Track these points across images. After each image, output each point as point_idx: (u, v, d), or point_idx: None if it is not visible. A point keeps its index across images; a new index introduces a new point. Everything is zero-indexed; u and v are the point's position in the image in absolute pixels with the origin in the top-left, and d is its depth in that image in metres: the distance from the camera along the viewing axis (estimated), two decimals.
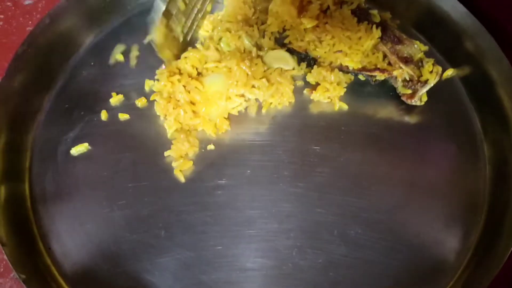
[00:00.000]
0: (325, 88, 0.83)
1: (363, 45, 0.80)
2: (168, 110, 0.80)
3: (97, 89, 0.86)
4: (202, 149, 0.80)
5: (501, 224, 0.74)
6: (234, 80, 0.80)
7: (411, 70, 0.80)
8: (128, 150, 0.80)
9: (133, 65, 0.89)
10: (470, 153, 0.82)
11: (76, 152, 0.80)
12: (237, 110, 0.82)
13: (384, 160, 0.80)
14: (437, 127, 0.84)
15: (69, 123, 0.83)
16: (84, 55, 0.91)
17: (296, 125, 0.83)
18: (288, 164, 0.79)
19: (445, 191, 0.78)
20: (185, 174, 0.78)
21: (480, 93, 0.86)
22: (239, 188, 0.77)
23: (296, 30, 0.84)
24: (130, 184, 0.77)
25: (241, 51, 0.84)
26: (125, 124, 0.83)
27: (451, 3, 0.88)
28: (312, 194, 0.76)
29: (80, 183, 0.78)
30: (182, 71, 0.83)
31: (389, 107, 0.86)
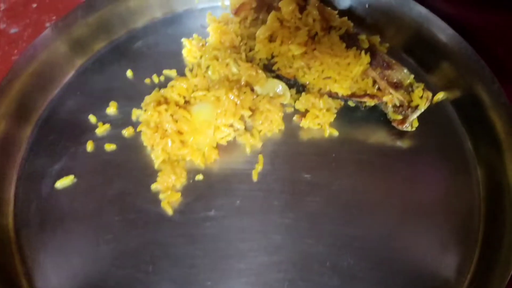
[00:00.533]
0: (315, 114, 0.82)
1: (352, 71, 0.79)
2: (155, 140, 0.78)
3: (83, 119, 0.85)
4: (190, 180, 0.79)
5: (498, 249, 0.73)
6: (223, 110, 0.78)
7: (401, 96, 0.79)
8: (115, 182, 0.78)
9: (120, 94, 0.87)
10: (463, 177, 0.81)
11: (61, 185, 0.78)
12: (226, 140, 0.81)
13: (376, 187, 0.79)
14: (429, 151, 0.83)
15: (54, 155, 0.81)
16: (70, 84, 0.90)
17: (286, 153, 0.82)
18: (278, 194, 0.77)
19: (439, 217, 0.77)
20: (173, 206, 0.76)
21: (471, 116, 0.85)
22: (229, 220, 0.75)
23: (284, 56, 0.83)
24: (116, 217, 0.75)
25: (229, 79, 0.83)
26: (111, 155, 0.81)
27: (440, 26, 0.88)
28: (302, 224, 0.75)
29: (65, 216, 0.76)
30: (169, 100, 0.82)
31: (380, 132, 0.85)
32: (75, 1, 1.03)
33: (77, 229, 0.74)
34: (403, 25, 0.93)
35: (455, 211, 0.77)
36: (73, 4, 0.93)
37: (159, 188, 0.77)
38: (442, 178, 0.80)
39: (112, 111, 0.86)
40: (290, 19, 0.82)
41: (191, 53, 0.91)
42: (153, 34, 0.97)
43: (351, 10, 0.98)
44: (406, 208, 0.77)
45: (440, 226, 0.76)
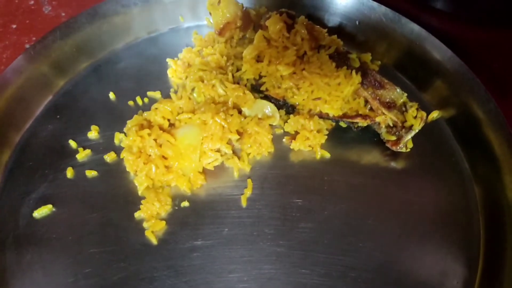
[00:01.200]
0: (305, 136, 0.79)
1: (342, 91, 0.76)
2: (138, 166, 0.75)
3: (63, 144, 0.81)
4: (176, 207, 0.75)
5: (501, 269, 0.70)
6: (209, 134, 0.75)
7: (395, 116, 0.77)
8: (96, 211, 0.74)
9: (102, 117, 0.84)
10: (460, 196, 0.78)
11: (39, 214, 0.74)
12: (213, 165, 0.77)
13: (371, 211, 0.75)
14: (425, 171, 0.80)
15: (32, 183, 0.77)
16: (49, 107, 0.87)
17: (276, 177, 0.78)
18: (268, 220, 0.74)
19: (437, 239, 0.73)
20: (158, 235, 0.72)
21: (467, 134, 0.82)
22: (216, 249, 0.71)
23: (272, 77, 0.80)
24: (97, 249, 0.71)
25: (215, 101, 0.80)
26: (92, 182, 0.77)
27: (433, 43, 0.86)
28: (295, 253, 0.71)
29: (42, 249, 0.71)
30: (153, 124, 0.78)
31: (373, 153, 0.82)
32: (56, 21, 1.00)
33: (54, 263, 0.70)
34: (394, 42, 0.90)
35: (453, 232, 0.74)
36: (53, 25, 0.90)
37: (142, 216, 0.73)
38: (439, 199, 0.77)
39: (94, 135, 0.82)
40: (277, 38, 0.80)
41: (176, 73, 0.88)
42: (137, 54, 0.94)
43: (341, 27, 0.96)
44: (402, 232, 0.74)
45: (439, 249, 0.72)
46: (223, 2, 0.85)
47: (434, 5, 1.02)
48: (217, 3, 0.85)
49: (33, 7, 1.05)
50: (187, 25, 0.99)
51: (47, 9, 1.05)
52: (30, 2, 1.06)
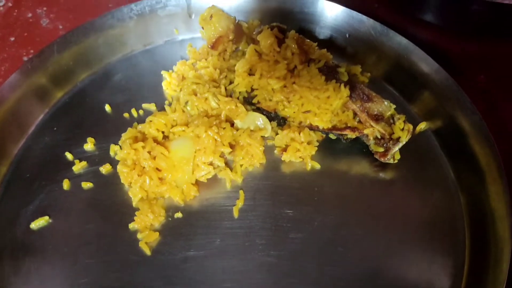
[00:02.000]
0: (296, 148, 0.81)
1: (332, 104, 0.79)
2: (132, 178, 0.77)
3: (60, 156, 0.83)
4: (169, 218, 0.77)
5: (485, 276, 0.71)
6: (202, 147, 0.77)
7: (382, 128, 0.79)
8: (91, 222, 0.76)
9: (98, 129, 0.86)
10: (446, 206, 0.79)
11: (35, 226, 0.76)
12: (206, 178, 0.79)
13: (360, 221, 0.77)
14: (412, 182, 0.82)
15: (29, 195, 0.79)
16: (46, 120, 0.88)
17: (267, 188, 0.80)
18: (260, 231, 0.75)
19: (425, 247, 0.75)
20: (151, 246, 0.74)
21: (453, 145, 0.84)
22: (209, 260, 0.73)
23: (264, 90, 0.82)
24: (93, 260, 0.73)
25: (208, 114, 0.82)
26: (88, 193, 0.79)
27: (420, 56, 0.88)
28: (285, 263, 0.73)
29: (39, 260, 0.73)
30: (147, 136, 0.80)
31: (362, 164, 0.84)
32: (53, 33, 1.02)
33: (51, 273, 0.72)
34: (383, 55, 0.92)
35: (440, 241, 0.76)
36: (51, 38, 0.92)
37: (136, 228, 0.75)
38: (426, 208, 0.79)
39: (90, 147, 0.84)
40: (268, 52, 0.82)
41: (170, 86, 0.90)
42: (133, 66, 0.96)
43: (331, 39, 0.98)
44: (391, 242, 0.75)
45: (426, 257, 0.74)
46: (215, 16, 0.87)
47: (423, 18, 1.04)
48: (209, 17, 0.88)
49: (31, 20, 1.07)
50: (182, 38, 1.01)
51: (45, 21, 1.07)
52: (28, 15, 1.08)
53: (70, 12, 1.08)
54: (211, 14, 0.88)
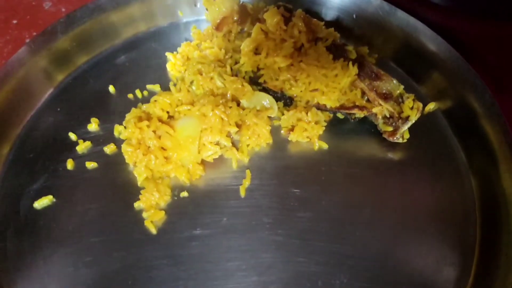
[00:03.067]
0: (303, 127, 0.80)
1: (340, 82, 0.77)
2: (137, 157, 0.75)
3: (64, 136, 0.82)
4: (175, 197, 0.76)
5: (496, 259, 0.70)
6: (208, 127, 0.76)
7: (391, 107, 0.77)
8: (96, 201, 0.75)
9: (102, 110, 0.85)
10: (457, 187, 0.78)
11: (39, 205, 0.75)
12: (212, 158, 0.78)
13: (368, 201, 0.76)
14: (421, 162, 0.80)
15: (33, 174, 0.78)
16: (50, 100, 0.87)
17: (274, 167, 0.79)
18: (266, 210, 0.74)
19: (434, 229, 0.74)
20: (157, 225, 0.73)
21: (463, 126, 0.83)
22: (215, 238, 0.72)
23: (270, 69, 0.80)
24: (97, 239, 0.72)
25: (214, 93, 0.80)
26: (92, 173, 0.78)
27: (429, 35, 0.87)
28: (293, 241, 0.72)
29: (43, 239, 0.72)
30: (152, 115, 0.79)
31: (370, 144, 0.82)
32: (56, 16, 1.01)
33: (55, 252, 0.71)
34: (391, 35, 0.91)
35: (450, 223, 0.75)
36: (53, 20, 0.90)
37: (142, 207, 0.74)
38: (436, 189, 0.78)
39: (94, 127, 0.83)
40: (275, 31, 0.80)
41: (175, 67, 0.89)
42: (137, 48, 0.95)
43: (338, 20, 0.96)
44: (400, 222, 0.74)
45: (435, 239, 0.73)
46: None
47: None
48: None
49: (34, 2, 1.06)
50: (186, 20, 0.99)
51: (48, 4, 1.06)
52: None
53: None
54: None
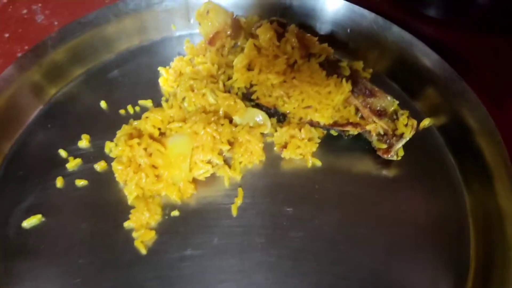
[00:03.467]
0: (296, 144, 0.79)
1: (333, 99, 0.76)
2: (128, 175, 0.74)
3: (54, 153, 0.81)
4: (166, 216, 0.74)
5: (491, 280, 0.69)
6: (200, 145, 0.75)
7: (385, 124, 0.76)
8: (85, 221, 0.74)
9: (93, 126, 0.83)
10: (451, 204, 0.77)
11: (28, 224, 0.73)
12: (204, 176, 0.77)
13: (362, 219, 0.75)
14: (416, 180, 0.79)
15: (22, 192, 0.77)
16: (40, 116, 0.86)
17: (267, 185, 0.78)
18: (259, 229, 0.73)
19: (428, 247, 0.73)
20: (147, 245, 0.72)
21: (458, 142, 0.82)
22: (206, 259, 0.70)
23: (263, 85, 0.79)
24: (86, 260, 0.70)
25: (206, 110, 0.79)
26: (82, 191, 0.77)
27: (423, 51, 0.86)
28: (285, 262, 0.70)
29: (31, 259, 0.71)
30: (143, 132, 0.78)
31: (364, 161, 0.81)
32: (49, 30, 1.00)
33: (43, 273, 0.69)
34: (385, 50, 0.90)
35: (444, 241, 0.74)
36: (46, 34, 0.90)
37: (132, 226, 0.73)
38: (431, 207, 0.77)
39: (84, 144, 0.82)
40: (268, 47, 0.79)
41: (167, 82, 0.88)
42: (129, 62, 0.95)
43: (332, 35, 0.96)
44: (394, 240, 0.73)
45: (430, 257, 0.72)
46: (211, 11, 0.85)
47: (426, 13, 1.02)
48: (205, 13, 0.86)
49: (26, 16, 1.05)
50: (180, 34, 0.99)
51: (40, 18, 1.05)
52: (23, 11, 1.06)
53: (65, 8, 1.06)
54: (208, 9, 0.87)
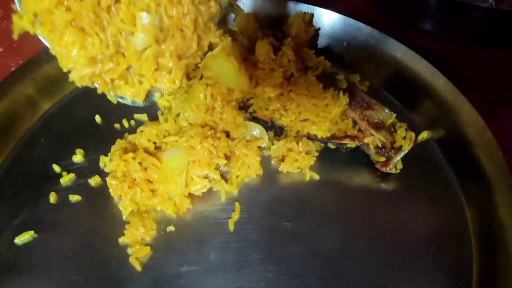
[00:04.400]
0: (294, 158, 0.78)
1: (330, 112, 0.76)
2: (122, 190, 0.73)
3: (47, 168, 0.80)
4: (161, 232, 0.73)
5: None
6: (196, 159, 0.74)
7: (383, 137, 0.76)
8: (79, 237, 0.72)
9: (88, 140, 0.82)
10: (451, 217, 0.76)
11: (20, 241, 0.72)
12: (200, 192, 0.75)
13: (361, 234, 0.73)
14: (416, 193, 0.79)
15: (14, 209, 0.75)
16: (34, 131, 0.85)
17: (264, 199, 0.77)
18: (256, 245, 0.72)
19: (429, 262, 0.71)
20: (142, 262, 0.70)
21: (457, 155, 0.81)
22: (203, 275, 0.69)
23: (260, 98, 0.79)
24: (79, 276, 0.68)
25: (203, 124, 0.78)
26: (76, 207, 0.76)
27: (420, 64, 0.86)
28: (283, 278, 0.69)
29: (24, 277, 0.69)
30: (138, 146, 0.77)
31: (363, 174, 0.80)
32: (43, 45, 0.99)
33: None
34: (382, 63, 0.90)
35: (445, 254, 0.72)
36: (40, 49, 0.89)
37: (126, 242, 0.71)
38: (430, 220, 0.76)
39: (79, 158, 0.81)
40: (264, 60, 0.79)
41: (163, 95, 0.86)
42: None
43: (329, 48, 0.95)
44: (393, 254, 0.72)
45: (430, 271, 0.70)
46: None
47: (422, 27, 1.03)
48: None
49: None
50: None
51: None
52: None
53: None
54: None
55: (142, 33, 0.61)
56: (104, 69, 0.62)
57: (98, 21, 0.59)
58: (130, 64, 0.63)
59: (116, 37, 0.60)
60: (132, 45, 0.61)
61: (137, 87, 0.64)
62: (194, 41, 0.65)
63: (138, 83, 0.65)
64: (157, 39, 0.62)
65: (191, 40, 0.65)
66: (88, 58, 0.61)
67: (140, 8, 0.59)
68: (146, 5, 0.59)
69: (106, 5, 0.58)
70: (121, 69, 0.63)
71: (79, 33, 0.59)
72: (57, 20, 0.58)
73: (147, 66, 0.62)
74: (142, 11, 0.59)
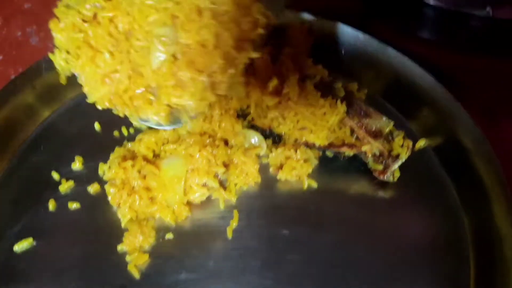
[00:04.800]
0: (292, 166, 0.78)
1: (328, 121, 0.76)
2: (121, 198, 0.73)
3: (46, 175, 0.80)
4: (160, 239, 0.73)
5: None
6: (195, 168, 0.74)
7: (381, 145, 0.76)
8: (77, 244, 0.73)
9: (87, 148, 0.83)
10: (449, 226, 0.76)
11: (19, 249, 0.72)
12: (199, 200, 0.76)
13: (359, 242, 0.74)
14: (413, 201, 0.79)
15: (13, 216, 0.76)
16: (33, 138, 0.86)
17: (263, 207, 0.77)
18: (255, 252, 0.72)
19: (426, 270, 0.71)
20: (141, 269, 0.70)
21: (455, 163, 0.81)
22: (202, 283, 0.69)
23: (258, 106, 0.79)
24: (78, 284, 0.69)
25: (201, 132, 0.79)
26: (75, 214, 0.76)
27: (418, 72, 0.86)
28: (282, 286, 0.69)
29: (22, 284, 0.69)
30: (137, 154, 0.77)
31: (361, 182, 0.81)
32: (43, 52, 0.99)
33: None
34: (380, 72, 0.91)
35: (443, 262, 0.72)
36: (40, 57, 0.89)
37: (125, 250, 0.72)
38: (428, 228, 0.76)
39: (78, 166, 0.81)
40: (262, 69, 0.79)
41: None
42: None
43: (327, 56, 0.96)
44: (391, 262, 0.72)
45: (428, 279, 0.71)
46: None
47: (420, 35, 1.03)
48: None
49: (20, 38, 1.06)
50: None
51: (35, 40, 1.05)
52: (17, 34, 1.06)
53: None
54: None
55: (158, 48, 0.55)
56: (119, 88, 0.60)
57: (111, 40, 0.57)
58: (148, 82, 0.59)
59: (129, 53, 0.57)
60: (147, 61, 0.57)
61: (156, 105, 0.60)
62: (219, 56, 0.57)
63: (157, 99, 0.60)
64: (174, 53, 0.56)
65: (214, 55, 0.56)
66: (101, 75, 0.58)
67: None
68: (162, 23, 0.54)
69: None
70: (137, 86, 0.59)
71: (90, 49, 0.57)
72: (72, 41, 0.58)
73: (162, 79, 0.57)
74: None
